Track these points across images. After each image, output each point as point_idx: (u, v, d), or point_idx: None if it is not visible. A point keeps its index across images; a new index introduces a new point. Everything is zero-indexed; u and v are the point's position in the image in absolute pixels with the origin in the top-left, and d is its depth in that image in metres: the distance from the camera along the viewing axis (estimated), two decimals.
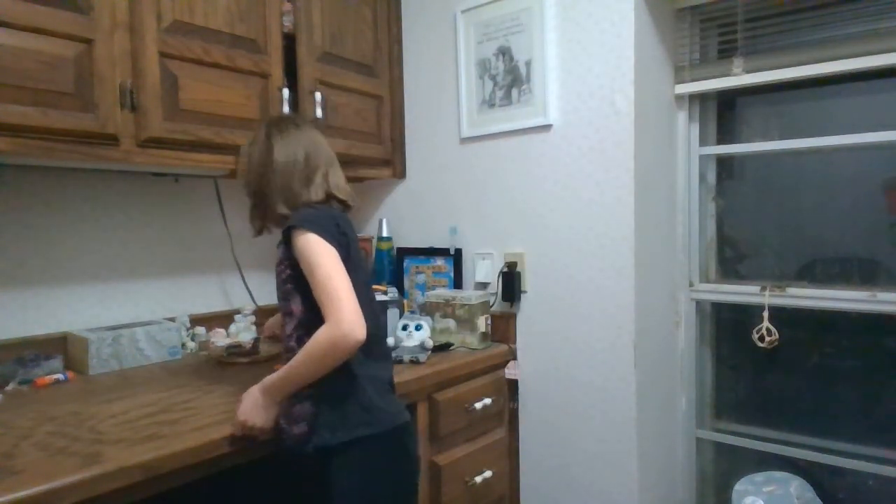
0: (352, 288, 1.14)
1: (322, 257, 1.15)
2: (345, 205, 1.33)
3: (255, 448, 1.24)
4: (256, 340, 1.77)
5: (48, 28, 1.32)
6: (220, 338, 1.79)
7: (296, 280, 1.21)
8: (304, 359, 1.14)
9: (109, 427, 1.20)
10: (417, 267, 2.23)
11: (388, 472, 1.23)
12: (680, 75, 1.93)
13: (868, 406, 1.76)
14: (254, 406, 1.18)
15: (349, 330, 1.10)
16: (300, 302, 1.21)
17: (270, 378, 1.19)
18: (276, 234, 1.29)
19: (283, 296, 1.25)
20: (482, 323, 1.94)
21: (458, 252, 2.13)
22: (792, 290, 1.80)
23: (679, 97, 1.94)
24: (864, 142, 1.68)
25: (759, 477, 1.82)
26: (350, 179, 2.30)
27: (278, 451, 1.25)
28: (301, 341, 1.19)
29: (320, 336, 1.12)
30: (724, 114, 1.96)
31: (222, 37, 1.63)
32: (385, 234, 2.26)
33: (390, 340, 1.79)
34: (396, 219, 2.30)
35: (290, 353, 1.21)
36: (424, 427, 1.67)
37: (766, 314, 1.82)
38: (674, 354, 2.00)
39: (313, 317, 1.17)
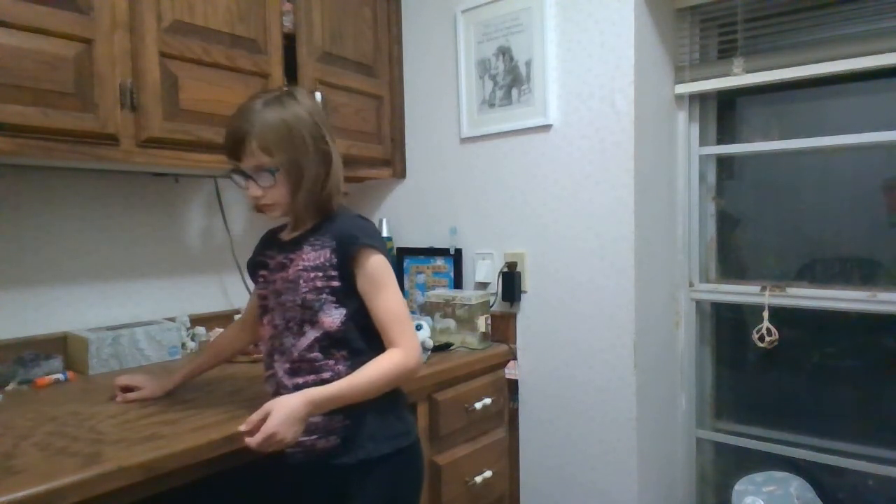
0: None
1: (394, 283, 1.16)
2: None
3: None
4: None
5: (48, 28, 1.31)
6: None
7: (339, 293, 1.14)
8: (375, 379, 1.10)
9: (109, 427, 1.20)
10: (417, 267, 2.23)
11: (417, 481, 1.26)
12: (680, 75, 1.92)
13: (868, 406, 1.76)
14: (290, 419, 1.04)
15: (421, 359, 1.15)
16: (338, 316, 1.14)
17: (321, 392, 1.08)
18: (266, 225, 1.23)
19: (310, 304, 1.14)
20: (482, 323, 1.94)
21: (458, 252, 2.13)
22: (792, 290, 1.80)
23: (679, 97, 1.94)
24: (864, 142, 1.68)
25: (759, 477, 1.82)
26: (350, 179, 2.35)
27: (288, 463, 1.18)
28: (328, 353, 1.15)
29: (397, 361, 1.11)
30: (724, 114, 1.96)
31: (222, 37, 1.63)
32: (385, 234, 2.26)
33: None
34: (396, 219, 2.30)
35: (308, 363, 1.15)
36: (424, 427, 1.67)
37: (766, 314, 1.82)
38: (674, 354, 2.00)
39: (347, 332, 1.15)
